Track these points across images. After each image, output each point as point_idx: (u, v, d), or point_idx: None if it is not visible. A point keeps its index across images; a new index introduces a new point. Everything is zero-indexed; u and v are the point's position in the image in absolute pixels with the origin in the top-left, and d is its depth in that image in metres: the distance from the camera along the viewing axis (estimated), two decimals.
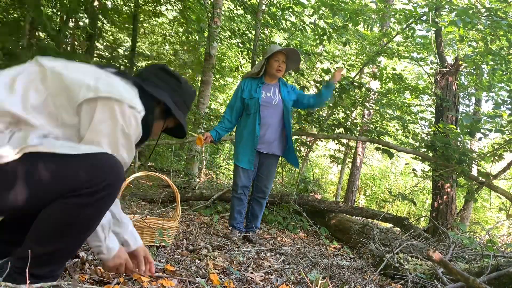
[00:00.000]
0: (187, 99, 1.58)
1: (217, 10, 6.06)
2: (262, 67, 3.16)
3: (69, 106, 1.21)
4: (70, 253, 1.29)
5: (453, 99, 5.64)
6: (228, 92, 13.13)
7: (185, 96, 1.57)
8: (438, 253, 1.68)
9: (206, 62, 6.38)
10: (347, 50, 9.52)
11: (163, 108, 1.50)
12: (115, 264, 1.43)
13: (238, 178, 3.20)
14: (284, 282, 1.97)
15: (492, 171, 4.54)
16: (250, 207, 3.32)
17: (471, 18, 4.07)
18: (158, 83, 1.49)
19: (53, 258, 1.22)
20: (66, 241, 1.21)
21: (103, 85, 1.24)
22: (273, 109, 3.14)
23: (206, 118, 5.64)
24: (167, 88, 1.50)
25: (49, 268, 1.22)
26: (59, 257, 1.24)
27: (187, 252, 2.33)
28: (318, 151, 11.53)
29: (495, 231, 6.42)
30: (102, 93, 1.22)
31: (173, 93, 1.51)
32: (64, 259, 1.29)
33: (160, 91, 1.46)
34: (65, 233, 1.19)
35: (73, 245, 1.25)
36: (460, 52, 7.89)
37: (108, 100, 1.22)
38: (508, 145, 4.35)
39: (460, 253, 2.82)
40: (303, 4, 5.79)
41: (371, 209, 4.86)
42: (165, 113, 1.51)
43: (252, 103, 3.12)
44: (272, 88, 3.19)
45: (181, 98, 1.54)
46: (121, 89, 1.28)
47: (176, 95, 1.52)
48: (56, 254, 1.22)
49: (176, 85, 1.53)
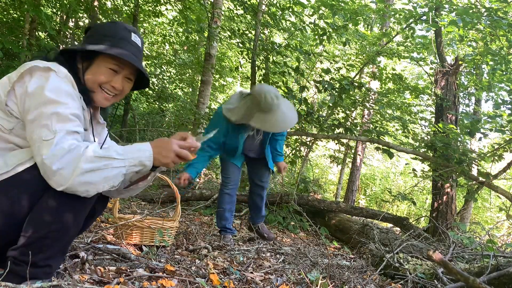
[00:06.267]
0: (107, 30, 1.38)
1: (217, 10, 6.06)
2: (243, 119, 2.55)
3: (3, 113, 1.22)
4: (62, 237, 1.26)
5: (453, 99, 5.64)
6: (228, 92, 13.13)
7: (104, 29, 1.39)
8: (438, 253, 1.68)
9: (206, 62, 6.37)
10: (347, 50, 9.51)
11: (82, 55, 1.37)
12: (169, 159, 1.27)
13: (229, 171, 2.83)
14: (284, 282, 1.97)
15: (492, 171, 4.54)
16: (250, 202, 3.17)
17: (472, 17, 4.07)
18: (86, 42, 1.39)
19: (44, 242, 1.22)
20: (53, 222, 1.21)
21: (13, 73, 1.24)
22: (255, 145, 2.88)
23: (206, 118, 5.64)
24: (85, 40, 1.40)
25: (42, 255, 1.22)
26: (50, 241, 1.23)
27: (187, 252, 2.33)
28: (318, 151, 11.52)
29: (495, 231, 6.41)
30: (13, 78, 1.22)
31: (88, 38, 1.40)
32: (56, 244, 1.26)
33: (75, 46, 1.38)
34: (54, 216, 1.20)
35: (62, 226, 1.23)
36: (460, 52, 7.89)
37: (20, 78, 1.22)
38: (508, 145, 4.35)
39: (460, 253, 2.82)
40: (303, 4, 5.79)
41: (371, 209, 4.86)
42: (89, 58, 1.36)
43: (232, 148, 2.75)
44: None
45: (96, 34, 1.38)
46: (29, 64, 1.24)
47: (90, 37, 1.39)
48: (47, 238, 1.22)
49: (89, 31, 1.42)
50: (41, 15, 3.99)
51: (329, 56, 8.09)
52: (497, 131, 4.34)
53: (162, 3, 7.13)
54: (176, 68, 10.33)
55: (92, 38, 1.38)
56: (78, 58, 1.37)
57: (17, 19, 5.72)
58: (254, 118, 2.42)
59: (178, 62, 10.13)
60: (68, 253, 1.76)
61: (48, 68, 1.22)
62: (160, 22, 9.73)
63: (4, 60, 4.53)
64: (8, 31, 4.69)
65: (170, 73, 10.40)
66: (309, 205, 4.50)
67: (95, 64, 1.36)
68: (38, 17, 4.12)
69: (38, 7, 4.03)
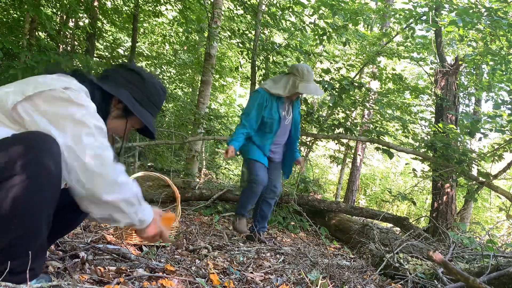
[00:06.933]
0: (153, 97, 1.48)
1: (217, 10, 6.06)
2: (290, 90, 3.02)
3: (5, 117, 1.19)
4: (32, 239, 1.19)
5: (453, 99, 5.64)
6: (228, 92, 13.12)
7: (149, 93, 1.47)
8: (438, 253, 1.68)
9: (206, 62, 6.37)
10: (347, 50, 9.52)
11: (123, 106, 1.42)
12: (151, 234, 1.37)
13: (259, 171, 3.05)
14: (284, 282, 1.97)
15: (492, 171, 4.54)
16: (259, 208, 3.25)
17: (472, 17, 4.07)
18: (119, 81, 1.42)
19: (15, 248, 1.16)
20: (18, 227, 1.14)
21: (30, 86, 1.21)
22: (284, 129, 3.18)
23: (206, 118, 5.64)
24: (128, 85, 1.43)
25: (17, 261, 1.16)
26: (21, 245, 1.16)
27: (187, 252, 2.33)
28: (318, 151, 11.51)
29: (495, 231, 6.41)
30: (29, 92, 1.19)
31: (134, 90, 1.44)
32: (29, 247, 1.18)
33: (118, 89, 1.40)
34: (11, 220, 1.13)
35: (28, 229, 1.16)
36: (460, 52, 7.90)
37: (39, 94, 1.19)
38: (508, 145, 4.35)
39: (460, 253, 2.82)
40: (303, 4, 5.79)
41: (371, 209, 4.87)
42: (126, 112, 1.43)
43: (269, 123, 3.07)
44: (287, 106, 3.17)
45: (144, 95, 1.45)
46: (49, 81, 1.23)
47: (138, 92, 1.44)
48: (17, 243, 1.16)
49: (138, 81, 1.45)
50: (41, 15, 4.00)
51: (329, 56, 8.09)
52: (497, 131, 4.34)
53: (162, 3, 7.14)
54: (176, 68, 10.33)
55: (140, 93, 1.44)
56: (115, 101, 1.42)
57: (17, 19, 5.72)
58: (299, 87, 2.97)
59: (178, 62, 10.13)
60: (68, 253, 1.76)
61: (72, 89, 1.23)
62: (160, 22, 9.73)
63: (4, 60, 4.53)
64: (8, 31, 4.69)
65: (170, 73, 10.41)
66: (309, 205, 4.50)
67: (124, 119, 1.45)
68: (38, 17, 4.12)
69: (38, 7, 4.03)
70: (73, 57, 4.71)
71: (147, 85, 1.47)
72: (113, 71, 1.47)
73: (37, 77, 1.29)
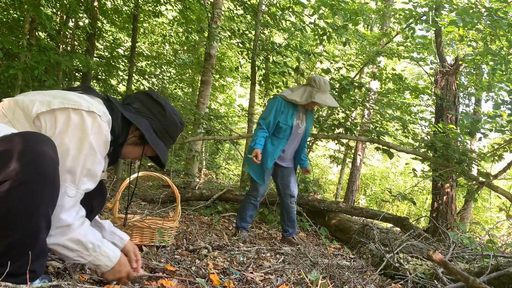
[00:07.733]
0: (170, 129, 1.54)
1: (217, 10, 6.06)
2: (306, 99, 3.20)
3: (26, 122, 1.25)
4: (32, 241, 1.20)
5: (453, 99, 5.64)
6: (228, 92, 13.12)
7: (168, 126, 1.52)
8: (438, 253, 1.68)
9: (206, 62, 6.37)
10: (347, 50, 9.52)
11: (140, 134, 1.47)
12: (116, 276, 1.42)
13: (259, 186, 3.31)
14: (284, 282, 1.97)
15: (492, 171, 4.53)
16: (285, 213, 3.42)
17: (472, 17, 4.07)
18: (140, 109, 1.48)
19: (15, 250, 1.17)
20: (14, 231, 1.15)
21: (57, 99, 1.27)
22: (297, 137, 3.35)
23: (206, 118, 5.64)
24: (149, 114, 1.48)
25: (18, 263, 1.17)
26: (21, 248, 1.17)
27: (187, 252, 2.33)
28: (318, 151, 11.52)
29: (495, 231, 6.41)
30: (55, 105, 1.25)
31: (154, 120, 1.49)
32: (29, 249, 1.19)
33: (138, 117, 1.45)
34: (9, 223, 1.14)
35: (27, 231, 1.17)
36: (460, 52, 7.90)
37: (63, 110, 1.25)
38: (508, 145, 4.35)
39: (460, 253, 2.82)
40: (303, 4, 5.79)
41: (371, 209, 4.86)
42: (142, 140, 1.48)
43: (283, 128, 3.23)
44: (301, 115, 3.34)
45: (162, 127, 1.51)
46: (76, 99, 1.29)
47: (157, 122, 1.49)
48: (16, 246, 1.16)
49: (159, 112, 1.50)
50: (41, 15, 3.99)
51: (329, 56, 8.08)
52: (497, 131, 4.34)
53: (162, 3, 7.12)
54: (176, 68, 10.33)
55: (158, 124, 1.50)
56: (133, 127, 1.47)
57: (17, 19, 5.71)
58: (316, 97, 3.17)
59: (178, 62, 10.12)
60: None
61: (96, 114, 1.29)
62: (160, 22, 9.72)
63: (4, 60, 4.53)
64: (8, 31, 4.69)
65: (170, 73, 10.40)
66: (309, 205, 4.50)
67: (140, 146, 1.51)
68: (38, 17, 4.11)
69: (38, 7, 4.02)
70: (73, 57, 4.70)
71: (167, 118, 1.52)
72: (138, 98, 1.52)
73: (66, 92, 1.35)
